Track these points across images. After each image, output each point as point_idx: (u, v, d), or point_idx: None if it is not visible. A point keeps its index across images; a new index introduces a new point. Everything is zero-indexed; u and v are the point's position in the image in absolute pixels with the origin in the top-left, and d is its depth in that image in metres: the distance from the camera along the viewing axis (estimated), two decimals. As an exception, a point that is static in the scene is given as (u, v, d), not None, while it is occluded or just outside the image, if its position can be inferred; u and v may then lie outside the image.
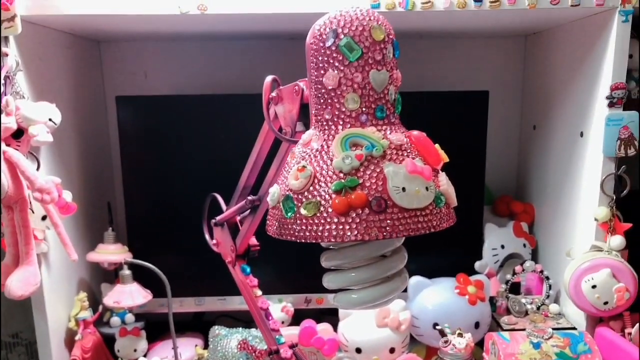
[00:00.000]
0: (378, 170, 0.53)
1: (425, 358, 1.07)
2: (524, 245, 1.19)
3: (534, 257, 1.21)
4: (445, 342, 0.99)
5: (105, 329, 1.15)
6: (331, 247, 0.61)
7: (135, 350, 1.08)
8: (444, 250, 1.16)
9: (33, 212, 0.92)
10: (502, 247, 1.18)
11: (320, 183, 0.54)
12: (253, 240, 0.86)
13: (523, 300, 1.13)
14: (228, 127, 1.13)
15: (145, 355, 1.11)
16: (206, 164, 1.13)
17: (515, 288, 1.17)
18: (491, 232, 1.18)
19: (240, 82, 1.19)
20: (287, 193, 0.56)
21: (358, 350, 1.03)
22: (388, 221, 0.52)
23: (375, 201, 0.52)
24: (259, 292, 0.84)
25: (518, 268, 1.12)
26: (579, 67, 1.04)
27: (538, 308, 1.11)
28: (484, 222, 1.18)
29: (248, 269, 0.85)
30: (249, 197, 0.76)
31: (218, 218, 0.85)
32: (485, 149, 1.16)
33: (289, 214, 0.55)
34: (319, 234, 0.53)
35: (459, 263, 1.13)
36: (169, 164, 1.14)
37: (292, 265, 1.18)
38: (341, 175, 0.53)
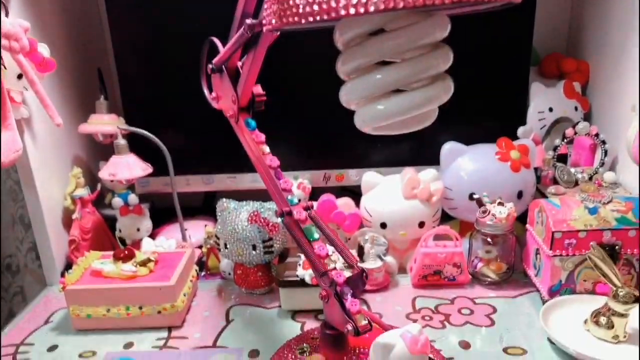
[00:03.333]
0: None
1: (458, 233, 0.95)
2: (576, 109, 1.03)
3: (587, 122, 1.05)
4: (484, 212, 0.87)
5: (108, 212, 1.06)
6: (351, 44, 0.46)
7: (138, 230, 0.99)
8: (483, 115, 1.01)
9: (5, 67, 0.80)
10: (550, 110, 1.02)
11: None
12: (258, 89, 0.72)
13: (572, 170, 0.99)
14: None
15: (151, 238, 1.02)
16: (204, 19, 0.97)
17: (561, 160, 1.03)
18: (538, 93, 1.01)
19: None
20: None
21: (383, 226, 0.92)
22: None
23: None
24: (267, 149, 0.72)
25: (569, 131, 0.97)
26: None
27: (590, 177, 0.97)
28: (529, 83, 1.02)
29: (253, 123, 0.72)
30: (248, 21, 0.61)
31: (215, 60, 0.71)
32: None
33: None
34: (333, 4, 0.38)
35: (499, 130, 0.98)
36: (161, 27, 0.99)
37: (309, 138, 1.05)
38: None
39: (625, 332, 0.70)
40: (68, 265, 0.96)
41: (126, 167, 0.95)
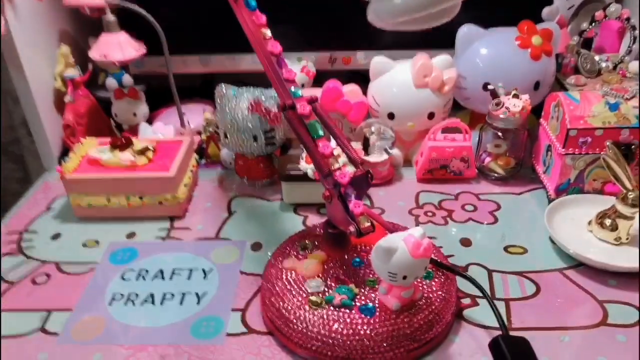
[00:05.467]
0: None
1: (469, 124, 0.91)
2: (610, -12, 0.93)
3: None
4: (497, 104, 0.82)
5: (102, 93, 1.01)
6: None
7: (134, 115, 0.95)
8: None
9: None
10: (582, -12, 0.92)
11: None
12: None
13: (596, 57, 0.92)
14: None
15: (148, 122, 0.98)
16: None
17: (586, 45, 0.95)
18: (570, -31, 0.91)
19: None
20: None
21: (391, 116, 0.88)
22: None
23: None
24: (269, 33, 0.65)
25: (599, 14, 0.88)
26: None
27: (615, 67, 0.90)
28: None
29: (253, 3, 0.65)
30: None
31: None
32: None
33: None
34: None
35: (523, 11, 0.89)
36: None
37: (314, 15, 0.97)
38: None
39: (628, 235, 0.70)
40: (65, 151, 0.93)
41: (118, 46, 0.88)
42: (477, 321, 0.61)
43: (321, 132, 0.61)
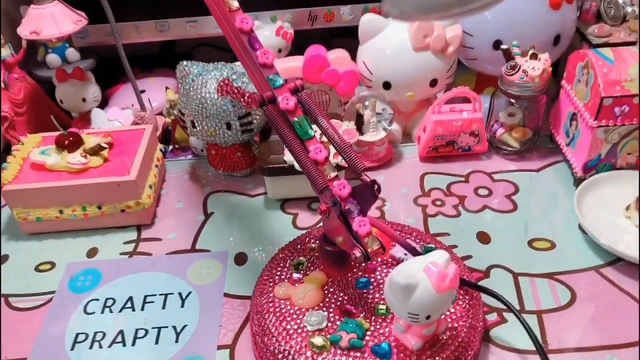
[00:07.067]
0: None
1: (474, 89, 0.79)
2: None
3: None
4: (512, 67, 0.70)
5: (43, 72, 0.86)
6: None
7: (84, 100, 0.80)
8: None
9: None
10: None
11: None
12: None
13: (620, 0, 0.79)
14: None
15: (102, 106, 0.84)
16: None
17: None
18: None
19: None
20: None
21: (386, 86, 0.75)
22: None
23: None
24: (236, 4, 0.51)
25: (629, -50, 0.74)
26: None
27: (642, 10, 0.78)
28: None
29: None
30: None
31: None
32: None
33: None
34: None
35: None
36: None
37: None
38: None
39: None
40: (7, 148, 0.79)
41: (51, 19, 0.72)
42: (508, 343, 0.52)
43: (311, 132, 0.49)
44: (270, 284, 0.54)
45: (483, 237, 0.63)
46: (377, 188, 0.49)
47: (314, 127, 0.50)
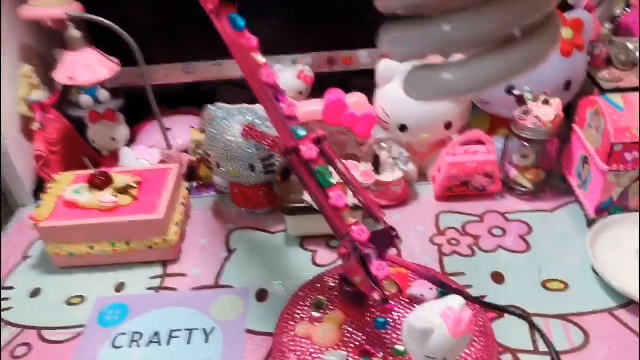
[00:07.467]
0: None
1: (487, 131, 0.82)
2: (645, -36, 0.81)
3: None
4: (524, 112, 0.72)
5: (76, 112, 0.90)
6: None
7: (113, 139, 0.84)
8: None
9: None
10: (614, -33, 0.80)
11: None
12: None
13: (631, 46, 0.81)
14: None
15: (130, 139, 0.88)
16: None
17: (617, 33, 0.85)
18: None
19: None
20: None
21: (402, 128, 0.78)
22: None
23: None
24: (262, 59, 0.54)
25: (637, -1, 0.77)
26: None
27: (652, 56, 0.80)
28: None
29: (241, 21, 0.53)
30: None
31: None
32: None
33: None
34: None
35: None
36: None
37: (309, 12, 0.85)
38: None
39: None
40: (40, 184, 0.83)
41: (85, 66, 0.77)
42: (522, 384, 0.54)
43: (332, 180, 0.52)
44: (292, 323, 0.57)
45: (497, 277, 0.65)
46: (396, 234, 0.51)
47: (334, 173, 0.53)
